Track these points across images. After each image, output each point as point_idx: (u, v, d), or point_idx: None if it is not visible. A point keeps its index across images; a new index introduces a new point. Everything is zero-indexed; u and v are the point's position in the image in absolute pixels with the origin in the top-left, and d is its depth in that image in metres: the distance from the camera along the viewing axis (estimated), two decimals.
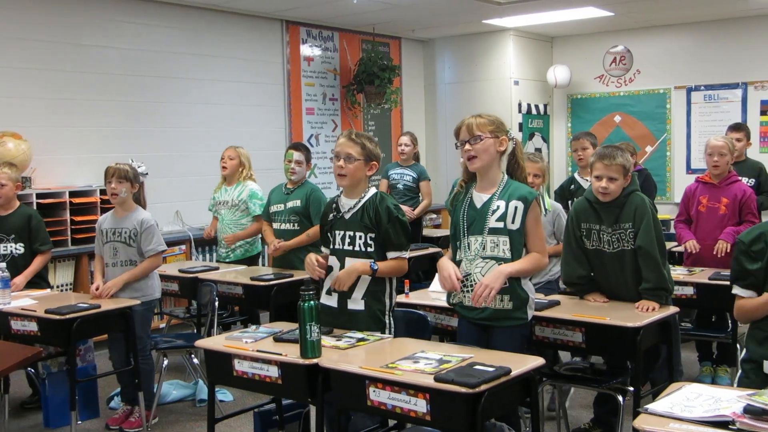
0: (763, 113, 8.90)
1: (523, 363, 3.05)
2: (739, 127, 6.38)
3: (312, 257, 3.72)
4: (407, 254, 3.73)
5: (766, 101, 8.89)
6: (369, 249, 3.66)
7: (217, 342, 3.64)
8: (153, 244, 4.87)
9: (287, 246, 5.55)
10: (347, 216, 3.73)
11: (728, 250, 5.03)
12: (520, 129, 9.80)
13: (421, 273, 6.58)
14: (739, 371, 2.99)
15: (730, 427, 2.29)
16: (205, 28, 7.89)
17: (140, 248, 4.86)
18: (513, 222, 3.51)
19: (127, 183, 4.85)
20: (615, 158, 4.04)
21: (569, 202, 5.70)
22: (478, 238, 3.53)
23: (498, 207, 3.52)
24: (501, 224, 3.51)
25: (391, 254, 3.67)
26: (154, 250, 4.88)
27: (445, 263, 3.57)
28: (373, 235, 3.66)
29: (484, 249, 3.52)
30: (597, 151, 4.23)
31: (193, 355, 5.28)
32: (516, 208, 3.51)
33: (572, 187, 5.77)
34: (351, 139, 3.72)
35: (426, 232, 8.16)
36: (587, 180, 5.53)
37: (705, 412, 2.39)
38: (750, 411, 2.30)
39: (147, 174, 5.06)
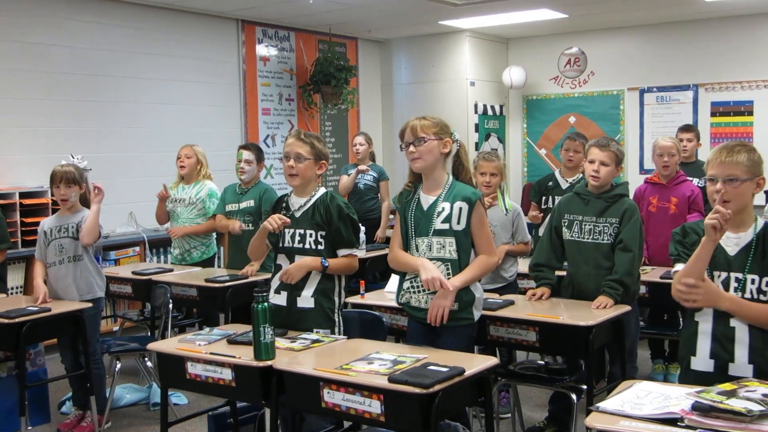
0: (713, 114, 9.05)
1: (476, 363, 3.07)
2: (689, 128, 6.49)
3: (275, 217, 3.65)
4: (357, 252, 3.76)
5: (717, 103, 9.05)
6: (319, 247, 3.68)
7: (169, 345, 3.60)
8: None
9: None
10: (297, 214, 3.74)
11: None
12: (476, 130, 9.85)
13: (378, 274, 6.58)
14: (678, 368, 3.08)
15: (678, 424, 2.32)
16: (160, 27, 7.80)
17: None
18: (458, 223, 3.54)
19: (76, 186, 4.77)
20: (609, 146, 4.25)
21: (543, 198, 5.74)
22: (424, 240, 3.56)
23: (443, 209, 3.55)
24: (446, 225, 3.54)
25: (341, 252, 3.70)
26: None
27: (429, 265, 3.50)
28: (323, 233, 3.68)
29: (430, 250, 3.54)
30: (593, 140, 4.44)
31: (146, 359, 5.22)
32: (461, 208, 3.54)
33: (550, 183, 5.78)
34: (300, 139, 3.75)
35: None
36: (568, 181, 5.60)
37: (654, 409, 2.42)
38: (698, 408, 2.34)
39: (90, 170, 4.98)
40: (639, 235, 4.18)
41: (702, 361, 2.91)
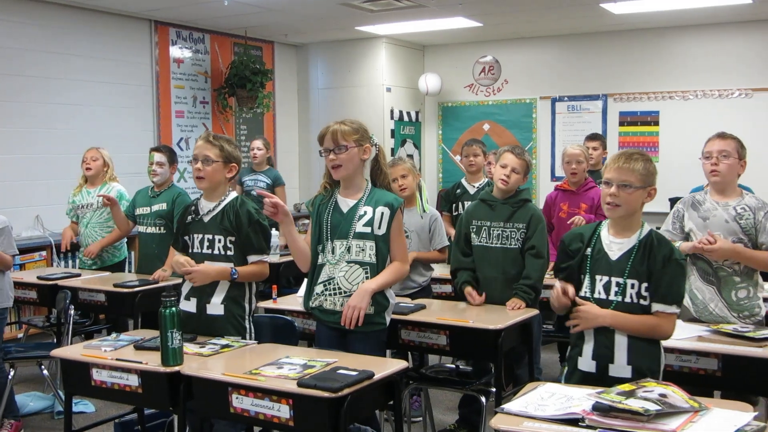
0: (621, 124, 9.32)
1: (386, 367, 3.08)
2: (596, 137, 6.68)
3: (181, 259, 3.63)
4: (267, 258, 3.71)
5: (625, 113, 9.32)
6: (228, 252, 3.63)
7: (74, 351, 3.51)
8: (4, 246, 4.64)
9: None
10: (206, 219, 3.68)
11: (582, 223, 5.18)
12: (393, 135, 9.91)
13: (292, 278, 6.54)
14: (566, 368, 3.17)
15: (579, 424, 2.38)
16: (69, 27, 7.59)
17: None
18: (380, 228, 3.56)
19: None
20: (523, 155, 4.36)
21: (453, 205, 5.83)
22: (343, 242, 3.56)
23: (365, 212, 3.56)
24: (368, 229, 3.55)
25: (252, 258, 3.65)
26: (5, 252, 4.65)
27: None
28: (233, 239, 3.63)
29: (349, 253, 3.55)
30: (508, 146, 4.50)
31: (42, 366, 5.02)
32: (383, 213, 3.56)
33: (458, 191, 5.87)
34: (209, 142, 3.69)
35: None
36: (474, 186, 5.71)
37: (557, 410, 2.48)
38: (598, 408, 2.40)
39: None
40: (547, 241, 4.31)
41: (586, 361, 3.02)
